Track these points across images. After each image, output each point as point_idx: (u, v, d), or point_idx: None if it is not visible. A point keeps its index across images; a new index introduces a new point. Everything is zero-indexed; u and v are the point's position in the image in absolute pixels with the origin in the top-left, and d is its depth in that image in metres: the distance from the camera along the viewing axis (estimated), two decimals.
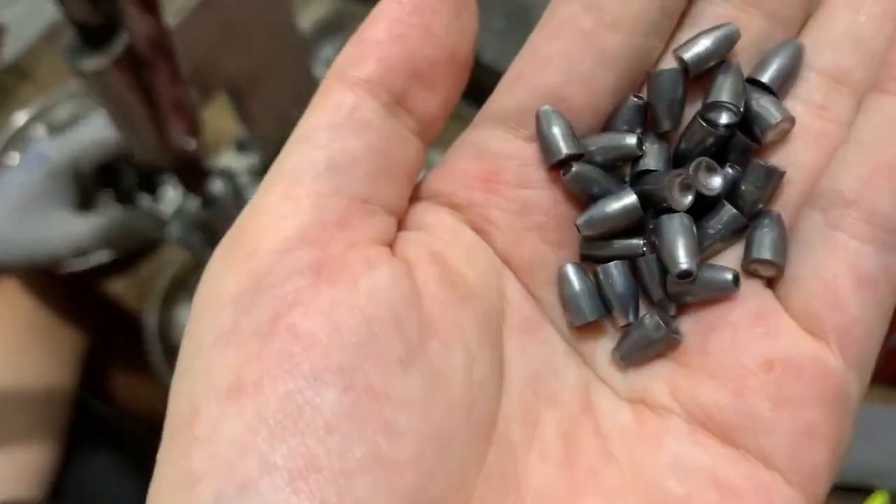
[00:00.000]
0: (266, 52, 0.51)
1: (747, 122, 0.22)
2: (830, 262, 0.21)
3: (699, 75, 0.22)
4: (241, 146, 0.61)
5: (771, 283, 0.22)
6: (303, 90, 0.57)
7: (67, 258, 0.60)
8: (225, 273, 0.19)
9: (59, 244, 0.60)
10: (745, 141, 0.22)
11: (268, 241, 0.19)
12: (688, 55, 0.22)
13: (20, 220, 0.57)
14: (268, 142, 0.57)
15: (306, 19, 0.81)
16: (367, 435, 0.17)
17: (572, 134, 0.22)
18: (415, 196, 0.23)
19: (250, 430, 0.17)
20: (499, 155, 0.22)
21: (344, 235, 0.20)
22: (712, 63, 0.22)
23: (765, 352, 0.21)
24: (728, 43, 0.22)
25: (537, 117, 0.22)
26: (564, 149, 0.21)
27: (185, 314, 0.73)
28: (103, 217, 0.62)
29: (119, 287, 0.74)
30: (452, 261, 0.21)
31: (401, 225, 0.22)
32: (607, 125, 0.23)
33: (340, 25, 0.82)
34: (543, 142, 0.22)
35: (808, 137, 0.22)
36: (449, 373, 0.19)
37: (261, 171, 0.61)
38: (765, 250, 0.21)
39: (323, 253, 0.19)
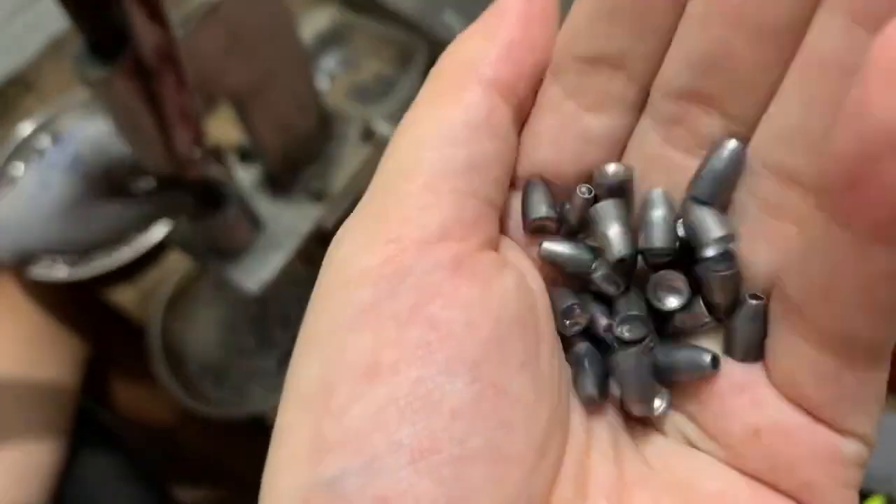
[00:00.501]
0: (269, 62, 0.52)
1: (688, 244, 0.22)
2: (792, 362, 0.20)
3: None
4: (245, 155, 0.61)
5: None
6: (305, 100, 0.58)
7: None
8: (364, 253, 0.20)
9: (118, 225, 0.59)
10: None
11: (411, 230, 0.20)
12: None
13: (60, 220, 0.57)
14: (271, 152, 0.57)
15: (307, 31, 0.82)
16: (487, 426, 0.18)
17: (549, 202, 0.23)
18: None
19: (382, 410, 0.18)
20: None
21: (477, 236, 0.21)
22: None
23: (751, 421, 0.21)
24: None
25: (524, 186, 0.23)
26: (540, 212, 0.23)
27: (188, 323, 0.74)
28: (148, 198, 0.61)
29: (122, 295, 0.75)
30: (530, 277, 0.22)
31: None
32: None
33: (341, 37, 0.83)
34: (523, 206, 0.23)
35: (765, 237, 0.21)
36: (552, 379, 0.21)
37: (263, 181, 0.61)
38: (736, 351, 0.21)
39: (461, 249, 0.20)
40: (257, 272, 0.57)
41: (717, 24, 0.20)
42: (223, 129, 0.66)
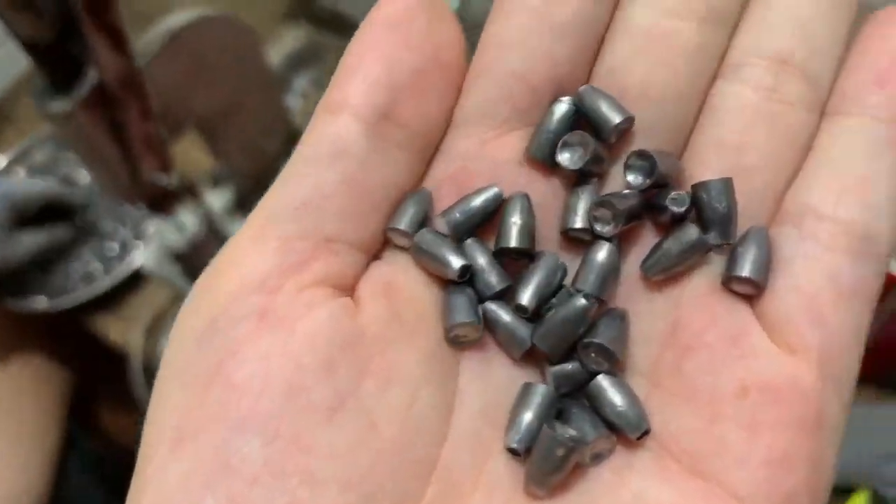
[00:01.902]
0: (235, 87, 0.52)
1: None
2: (809, 275, 0.20)
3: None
4: (217, 181, 0.62)
5: (749, 297, 0.21)
6: (274, 123, 0.58)
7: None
8: (192, 311, 0.20)
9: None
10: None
11: (228, 284, 0.19)
12: None
13: None
14: (242, 175, 0.58)
15: (280, 50, 0.82)
16: (289, 486, 0.17)
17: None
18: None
19: (187, 478, 0.18)
20: (468, 156, 0.22)
21: (299, 278, 0.19)
22: None
23: (740, 376, 0.20)
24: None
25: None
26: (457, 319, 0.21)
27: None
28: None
29: (103, 323, 0.75)
30: (409, 289, 0.21)
31: (383, 248, 0.22)
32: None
33: (314, 56, 0.83)
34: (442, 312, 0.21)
35: (763, 121, 0.22)
36: (383, 416, 0.19)
37: (235, 203, 0.61)
38: (747, 268, 0.21)
39: (272, 297, 0.19)
40: None
41: None
42: (195, 153, 0.66)
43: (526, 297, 0.21)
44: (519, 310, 0.21)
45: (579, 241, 0.22)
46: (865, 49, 0.22)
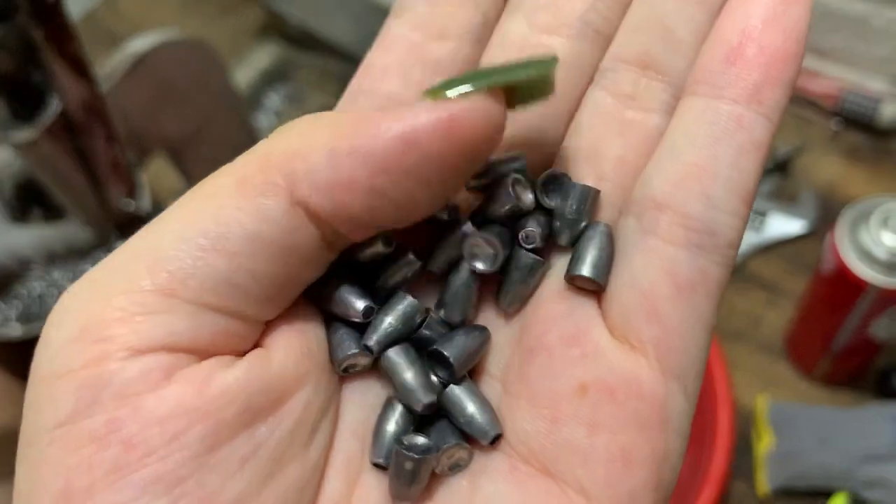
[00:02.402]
0: (202, 111, 0.52)
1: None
2: (647, 270, 0.20)
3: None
4: None
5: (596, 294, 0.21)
6: (244, 144, 0.58)
7: (10, 267, 0.60)
8: (73, 345, 0.18)
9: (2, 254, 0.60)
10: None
11: (127, 334, 0.18)
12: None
13: None
14: None
15: (251, 68, 0.82)
16: None
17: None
18: None
19: None
20: None
21: (208, 347, 0.19)
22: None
23: (579, 376, 0.20)
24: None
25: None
26: (348, 350, 0.21)
27: None
28: (41, 229, 0.63)
29: None
30: (313, 328, 0.21)
31: None
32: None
33: (285, 73, 0.83)
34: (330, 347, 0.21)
35: (617, 128, 0.22)
36: (288, 458, 0.19)
37: None
38: (584, 267, 0.21)
39: (178, 360, 0.18)
40: None
41: None
42: (162, 175, 0.66)
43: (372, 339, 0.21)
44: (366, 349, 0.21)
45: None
46: (720, 26, 0.21)
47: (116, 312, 0.18)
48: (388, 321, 0.21)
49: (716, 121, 0.20)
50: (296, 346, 0.20)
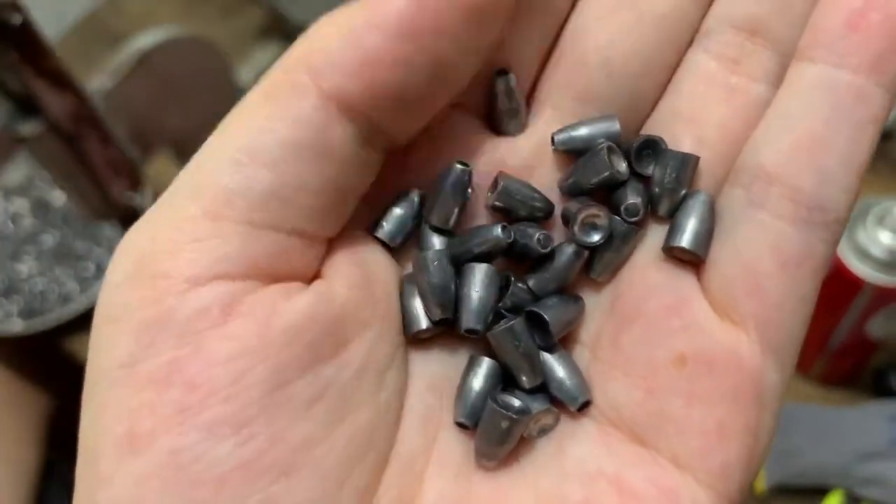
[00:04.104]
0: (205, 107, 0.53)
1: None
2: (752, 244, 0.20)
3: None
4: None
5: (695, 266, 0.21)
6: None
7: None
8: (129, 284, 0.18)
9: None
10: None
11: (180, 265, 0.17)
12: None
13: None
14: None
15: (253, 68, 0.83)
16: (262, 484, 0.17)
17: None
18: None
19: (143, 482, 0.17)
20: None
21: (267, 270, 0.18)
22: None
23: (678, 347, 0.20)
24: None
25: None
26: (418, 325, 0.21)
27: None
28: None
29: (81, 345, 0.74)
30: (377, 271, 0.20)
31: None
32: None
33: None
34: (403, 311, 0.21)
35: (720, 94, 0.21)
36: (357, 402, 0.18)
37: None
38: (683, 238, 0.20)
39: (237, 289, 0.17)
40: None
41: None
42: (168, 171, 0.66)
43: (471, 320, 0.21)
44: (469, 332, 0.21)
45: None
46: None
47: (166, 244, 0.17)
48: (475, 295, 0.20)
49: (835, 91, 0.19)
50: (358, 283, 0.19)
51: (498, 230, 0.20)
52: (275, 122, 0.18)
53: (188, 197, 0.18)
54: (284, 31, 0.85)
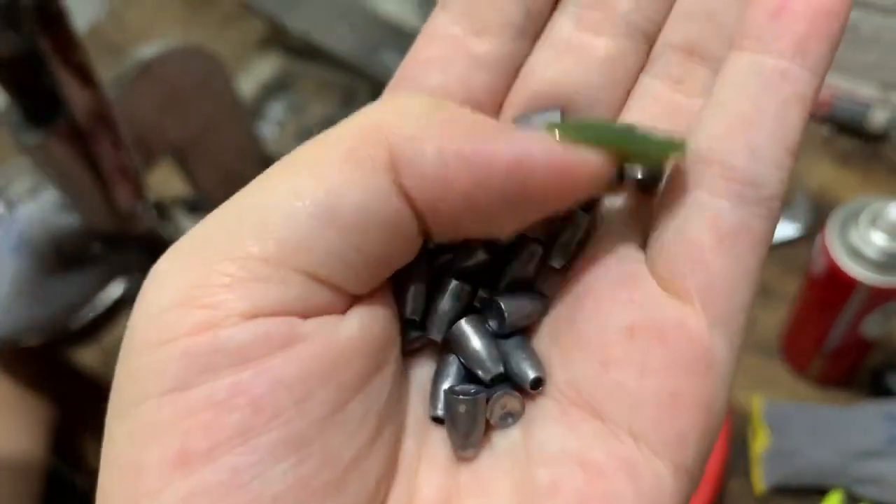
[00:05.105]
0: (206, 116, 0.53)
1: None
2: (691, 221, 0.21)
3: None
4: (193, 207, 0.63)
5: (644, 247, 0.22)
6: (246, 150, 0.59)
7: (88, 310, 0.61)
8: (180, 308, 0.18)
9: (76, 300, 0.60)
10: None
11: (237, 300, 0.18)
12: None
13: (28, 296, 0.57)
14: (218, 201, 0.58)
15: (254, 79, 0.84)
16: (313, 501, 0.18)
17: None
18: None
19: (194, 496, 0.17)
20: None
21: (313, 312, 0.19)
22: None
23: (627, 318, 0.20)
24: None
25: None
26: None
27: None
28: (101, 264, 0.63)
29: (86, 355, 0.75)
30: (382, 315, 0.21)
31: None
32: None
33: (286, 84, 0.85)
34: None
35: (665, 111, 0.23)
36: (389, 417, 0.20)
37: None
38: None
39: (294, 322, 0.18)
40: None
41: None
42: (167, 181, 0.67)
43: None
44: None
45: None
46: None
47: (224, 278, 0.18)
48: (444, 308, 0.22)
49: (760, 73, 0.21)
50: (380, 310, 0.20)
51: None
52: (354, 188, 0.18)
53: (252, 235, 0.18)
54: (284, 42, 0.86)
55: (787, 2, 0.21)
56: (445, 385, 0.22)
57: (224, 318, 0.18)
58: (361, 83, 0.79)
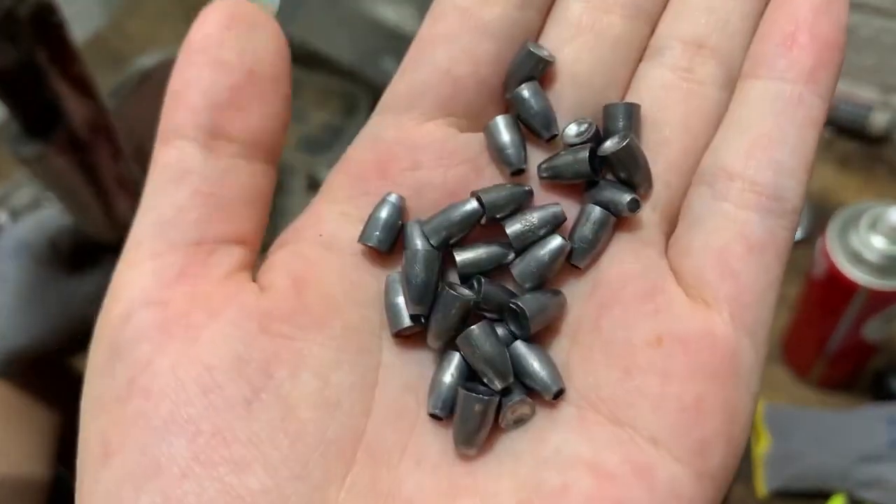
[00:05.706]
0: None
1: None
2: (720, 232, 0.21)
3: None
4: None
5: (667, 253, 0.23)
6: None
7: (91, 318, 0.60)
8: (95, 343, 0.21)
9: (79, 308, 0.60)
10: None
11: (116, 308, 0.20)
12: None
13: (29, 306, 0.58)
14: None
15: None
16: (217, 474, 0.19)
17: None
18: (318, 199, 0.24)
19: (120, 484, 0.19)
20: (391, 141, 0.23)
21: (185, 287, 0.21)
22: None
23: (654, 329, 0.21)
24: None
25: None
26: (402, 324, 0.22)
27: None
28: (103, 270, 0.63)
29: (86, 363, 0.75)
30: (317, 281, 0.22)
31: (288, 239, 0.23)
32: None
33: None
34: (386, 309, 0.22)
35: (678, 97, 0.23)
36: (297, 400, 0.20)
37: None
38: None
39: (165, 311, 0.20)
40: None
41: None
42: None
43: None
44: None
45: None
46: (774, 17, 0.23)
47: (111, 297, 0.21)
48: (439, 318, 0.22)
49: (779, 97, 0.22)
50: (290, 300, 0.21)
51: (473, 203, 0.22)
52: (149, 182, 0.22)
53: (120, 261, 0.21)
54: None
55: (796, 34, 0.22)
56: (448, 381, 0.21)
57: (115, 325, 0.21)
58: (362, 90, 0.79)
